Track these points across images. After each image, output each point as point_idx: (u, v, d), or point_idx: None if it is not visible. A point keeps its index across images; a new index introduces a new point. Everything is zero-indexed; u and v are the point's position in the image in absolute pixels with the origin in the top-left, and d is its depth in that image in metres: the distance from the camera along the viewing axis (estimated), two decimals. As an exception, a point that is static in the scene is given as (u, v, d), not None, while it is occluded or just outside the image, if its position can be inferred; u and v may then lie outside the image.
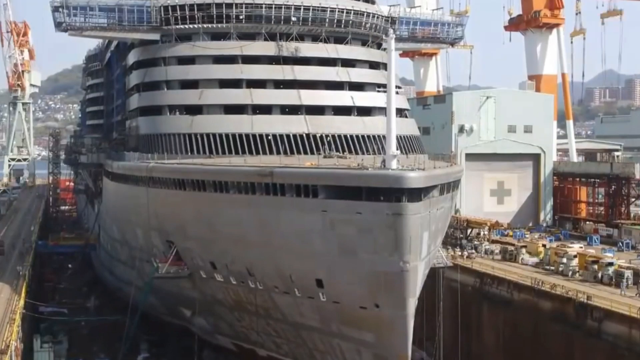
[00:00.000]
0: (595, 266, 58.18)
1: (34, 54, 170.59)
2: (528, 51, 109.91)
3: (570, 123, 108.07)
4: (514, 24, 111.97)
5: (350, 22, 64.13)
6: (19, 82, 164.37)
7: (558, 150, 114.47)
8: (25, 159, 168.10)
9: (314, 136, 56.24)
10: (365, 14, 65.25)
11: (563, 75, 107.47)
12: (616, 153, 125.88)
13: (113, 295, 79.60)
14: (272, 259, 45.17)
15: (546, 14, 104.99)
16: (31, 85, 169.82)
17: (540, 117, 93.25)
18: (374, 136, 57.42)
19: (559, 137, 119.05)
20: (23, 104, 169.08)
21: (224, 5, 61.78)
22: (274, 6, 61.68)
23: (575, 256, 61.02)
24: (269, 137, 55.66)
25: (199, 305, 56.26)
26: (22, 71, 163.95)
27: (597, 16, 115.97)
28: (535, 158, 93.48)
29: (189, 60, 62.24)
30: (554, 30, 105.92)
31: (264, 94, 59.59)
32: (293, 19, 62.06)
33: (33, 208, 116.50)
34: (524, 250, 67.91)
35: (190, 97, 59.85)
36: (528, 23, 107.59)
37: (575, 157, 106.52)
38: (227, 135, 55.70)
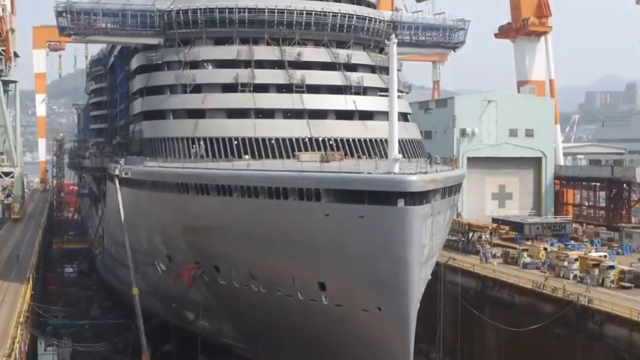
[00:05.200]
0: (597, 269, 58.48)
1: (14, 5, 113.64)
2: (517, 58, 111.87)
3: (557, 128, 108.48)
4: (504, 32, 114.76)
5: (353, 26, 64.48)
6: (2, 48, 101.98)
7: (567, 154, 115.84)
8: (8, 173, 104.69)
9: (317, 140, 56.60)
10: (368, 18, 65.60)
11: (551, 81, 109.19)
12: (628, 157, 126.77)
13: (117, 298, 79.90)
14: (275, 262, 45.46)
15: (534, 22, 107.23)
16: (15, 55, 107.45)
17: (541, 121, 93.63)
18: (376, 140, 57.74)
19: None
20: (4, 82, 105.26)
21: (226, 10, 62.15)
22: (276, 11, 62.02)
23: (576, 259, 61.32)
24: (272, 141, 56.00)
25: (203, 308, 56.54)
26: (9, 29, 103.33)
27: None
28: (537, 162, 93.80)
29: (192, 64, 62.58)
30: (542, 38, 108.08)
31: (267, 98, 59.94)
32: (295, 23, 62.40)
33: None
34: (525, 253, 68.17)
35: (193, 101, 60.19)
36: (517, 31, 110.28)
37: (562, 161, 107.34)
38: (230, 139, 56.03)
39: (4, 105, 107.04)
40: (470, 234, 76.73)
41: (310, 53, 62.94)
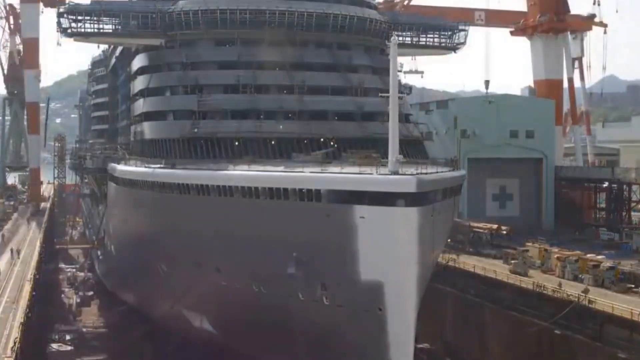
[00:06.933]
0: (597, 270, 58.55)
1: None
2: (534, 56, 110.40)
3: (575, 128, 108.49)
4: (521, 29, 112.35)
5: (354, 28, 64.62)
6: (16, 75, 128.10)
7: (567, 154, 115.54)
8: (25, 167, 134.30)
9: (317, 140, 56.74)
10: (368, 20, 65.77)
11: (569, 79, 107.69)
12: None
13: (117, 299, 79.97)
14: (276, 263, 45.54)
15: (552, 18, 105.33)
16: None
17: (542, 122, 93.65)
18: (377, 141, 57.83)
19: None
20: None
21: (228, 11, 62.31)
22: (277, 12, 62.17)
23: (576, 260, 61.38)
24: (273, 142, 56.15)
25: (203, 309, 56.62)
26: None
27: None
28: (537, 163, 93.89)
29: (193, 65, 62.73)
30: (560, 35, 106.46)
31: (268, 99, 60.10)
32: (297, 25, 62.54)
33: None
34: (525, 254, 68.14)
35: (194, 102, 60.34)
36: (534, 28, 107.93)
37: (581, 161, 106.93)
38: (231, 140, 56.18)
39: (24, 122, 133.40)
40: (471, 235, 76.88)
41: (311, 54, 63.10)
